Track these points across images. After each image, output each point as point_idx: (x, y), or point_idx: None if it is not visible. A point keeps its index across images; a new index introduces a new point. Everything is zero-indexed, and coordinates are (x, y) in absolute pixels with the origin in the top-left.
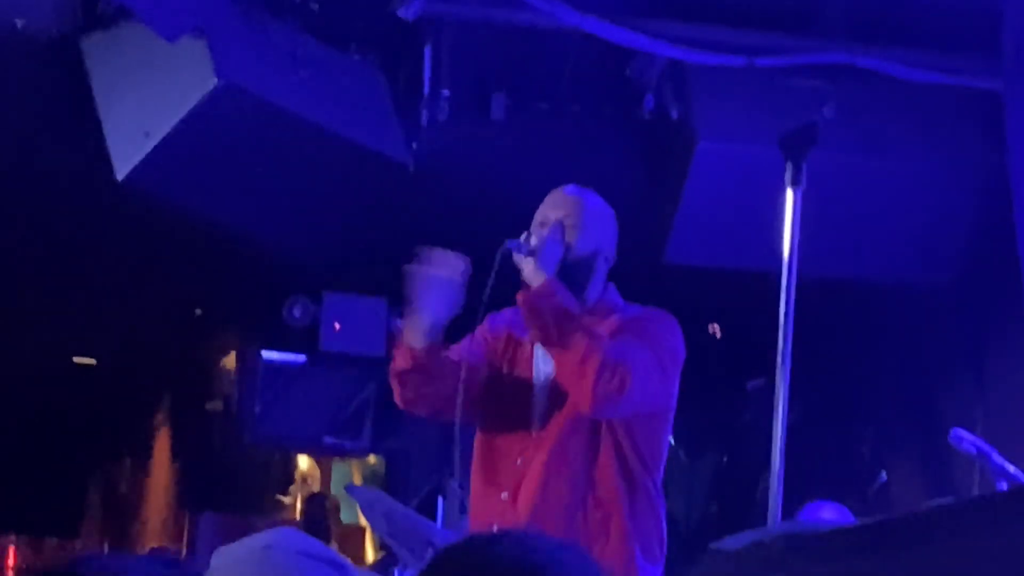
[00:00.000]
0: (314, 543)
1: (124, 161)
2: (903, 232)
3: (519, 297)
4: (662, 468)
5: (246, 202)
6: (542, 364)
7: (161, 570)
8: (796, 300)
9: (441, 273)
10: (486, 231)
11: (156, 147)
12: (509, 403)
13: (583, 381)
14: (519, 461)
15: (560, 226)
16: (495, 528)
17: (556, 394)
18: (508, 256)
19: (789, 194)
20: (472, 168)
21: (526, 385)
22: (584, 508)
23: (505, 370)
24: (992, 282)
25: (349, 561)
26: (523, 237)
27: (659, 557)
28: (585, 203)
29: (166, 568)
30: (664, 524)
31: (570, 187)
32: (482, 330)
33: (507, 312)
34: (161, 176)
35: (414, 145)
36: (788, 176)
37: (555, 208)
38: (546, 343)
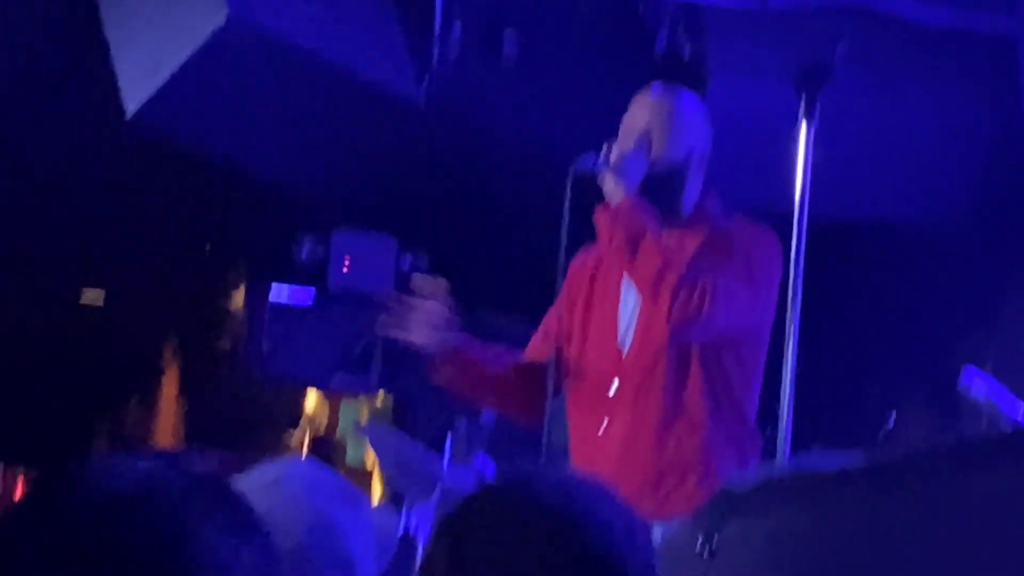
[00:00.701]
0: (328, 475)
1: (134, 96)
2: (915, 172)
3: (595, 217)
4: (755, 399)
5: (255, 139)
6: (627, 290)
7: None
8: (809, 238)
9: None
10: (496, 168)
11: (165, 83)
12: (598, 335)
13: (660, 303)
14: (611, 392)
15: (646, 136)
16: (592, 465)
17: (642, 320)
18: (580, 177)
19: (803, 128)
20: (483, 106)
21: (612, 313)
22: (674, 435)
23: (595, 302)
24: (1005, 222)
25: (363, 493)
26: (604, 151)
27: None
28: (673, 105)
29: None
30: (754, 458)
31: (656, 86)
32: (564, 288)
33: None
34: (171, 112)
35: (425, 82)
36: (802, 111)
37: (640, 115)
38: (623, 265)
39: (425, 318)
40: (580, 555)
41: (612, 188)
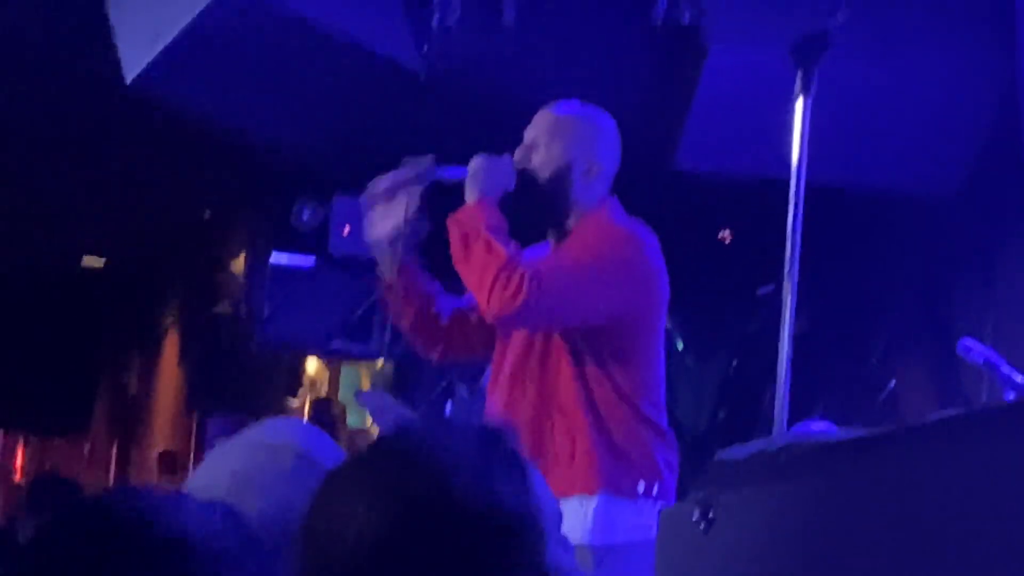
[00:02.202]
0: (324, 438)
1: (133, 63)
2: (913, 140)
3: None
4: (651, 389)
5: (255, 105)
6: None
7: (220, 522)
8: (806, 208)
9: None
10: (497, 135)
11: (164, 49)
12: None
13: (480, 291)
14: (500, 377)
15: (528, 148)
16: None
17: None
18: (435, 188)
19: (799, 102)
20: (483, 72)
21: None
22: (549, 428)
23: None
24: (1003, 191)
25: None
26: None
27: (644, 492)
28: (554, 117)
29: (224, 520)
30: (661, 455)
31: (556, 103)
32: None
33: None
34: (170, 79)
35: (424, 48)
36: (798, 84)
37: (530, 127)
38: (457, 263)
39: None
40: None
41: (468, 193)
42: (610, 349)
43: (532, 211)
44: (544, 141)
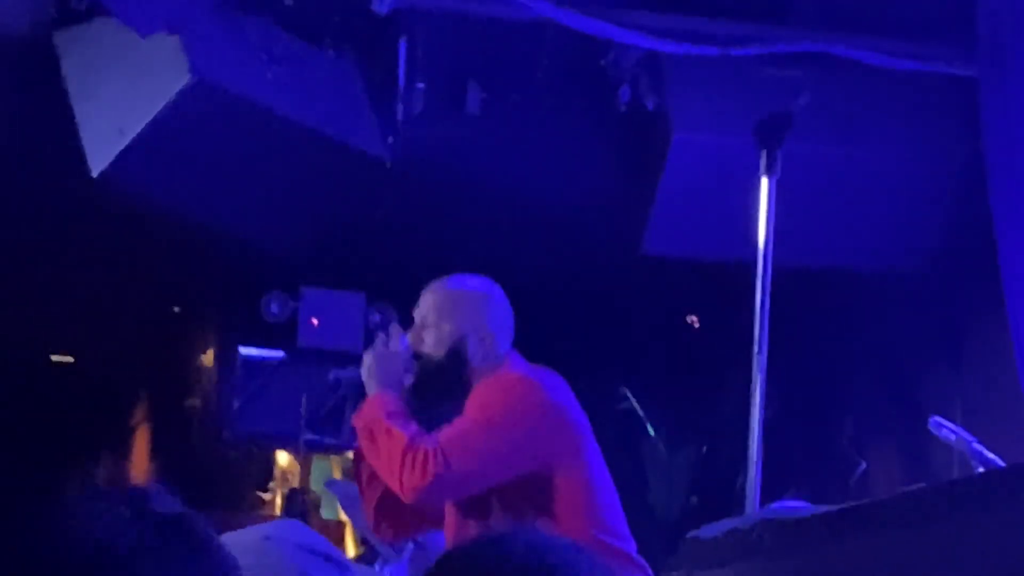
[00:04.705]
0: (316, 537)
1: (99, 158)
2: (880, 220)
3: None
4: (606, 521)
5: (222, 198)
6: None
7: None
8: (774, 289)
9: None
10: (463, 223)
11: (131, 144)
12: None
13: (391, 478)
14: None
15: (418, 330)
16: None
17: None
18: (337, 385)
19: (764, 183)
20: (448, 161)
21: None
22: None
23: None
24: (969, 269)
25: (348, 558)
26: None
27: None
28: (438, 295)
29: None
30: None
31: (439, 280)
32: None
33: None
34: (136, 173)
35: (390, 139)
36: (763, 165)
37: (418, 309)
38: (369, 459)
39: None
40: None
41: (367, 388)
42: (546, 495)
43: (436, 389)
44: (433, 320)
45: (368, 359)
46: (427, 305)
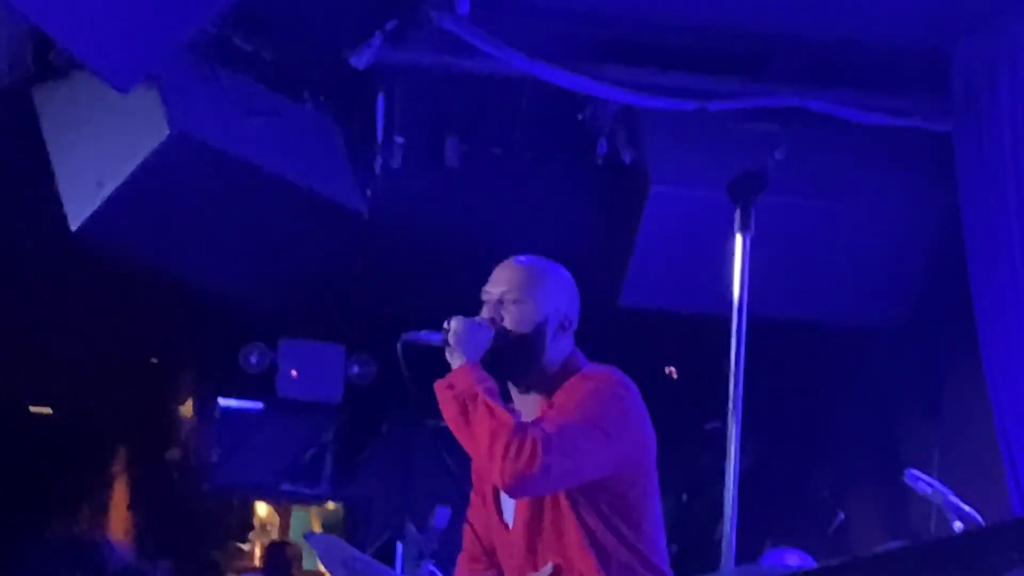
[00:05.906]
0: None
1: (78, 211)
2: (856, 273)
3: (435, 388)
4: (652, 537)
5: (201, 250)
6: None
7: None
8: (752, 342)
9: None
10: (442, 277)
11: (110, 197)
12: (489, 516)
13: (491, 459)
14: (512, 562)
15: (499, 306)
16: None
17: None
18: (409, 350)
19: (738, 239)
20: (427, 214)
21: (491, 491)
22: None
23: (479, 485)
24: (946, 322)
25: None
26: (445, 324)
27: None
28: (526, 272)
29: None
30: None
31: (517, 257)
32: (474, 482)
33: None
34: (115, 226)
35: (368, 192)
36: (737, 222)
37: (496, 283)
38: (455, 429)
39: None
40: None
41: (451, 357)
42: (612, 501)
43: (506, 369)
44: (516, 297)
45: (457, 324)
46: (511, 280)
